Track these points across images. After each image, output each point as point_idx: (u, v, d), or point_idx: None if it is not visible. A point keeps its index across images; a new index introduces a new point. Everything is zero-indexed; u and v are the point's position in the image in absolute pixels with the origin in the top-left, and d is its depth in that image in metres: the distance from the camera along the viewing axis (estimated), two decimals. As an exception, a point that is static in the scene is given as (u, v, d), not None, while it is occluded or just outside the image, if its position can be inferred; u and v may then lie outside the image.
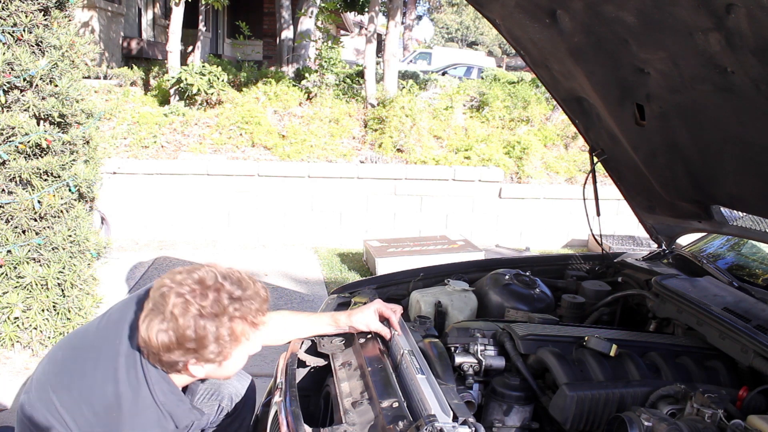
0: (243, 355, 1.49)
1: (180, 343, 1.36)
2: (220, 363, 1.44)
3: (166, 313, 1.35)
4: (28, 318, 3.44)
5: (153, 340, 1.36)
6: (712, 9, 1.26)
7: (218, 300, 1.38)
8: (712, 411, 1.40)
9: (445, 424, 1.27)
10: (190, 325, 1.35)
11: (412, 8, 27.96)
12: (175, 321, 1.35)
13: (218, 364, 1.44)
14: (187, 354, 1.38)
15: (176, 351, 1.37)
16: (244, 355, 1.50)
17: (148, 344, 1.38)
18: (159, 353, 1.38)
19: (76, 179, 3.48)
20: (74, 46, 3.48)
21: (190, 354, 1.38)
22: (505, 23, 1.96)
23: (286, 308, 4.71)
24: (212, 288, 1.39)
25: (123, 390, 1.40)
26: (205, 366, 1.44)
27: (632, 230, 6.51)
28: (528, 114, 8.23)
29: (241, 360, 1.50)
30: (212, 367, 1.46)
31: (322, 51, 8.18)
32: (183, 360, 1.40)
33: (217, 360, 1.42)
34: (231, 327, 1.39)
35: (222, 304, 1.38)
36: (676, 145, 1.94)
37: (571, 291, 2.43)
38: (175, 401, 1.46)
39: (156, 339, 1.36)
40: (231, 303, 1.39)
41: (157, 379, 1.44)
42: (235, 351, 1.44)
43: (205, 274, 1.40)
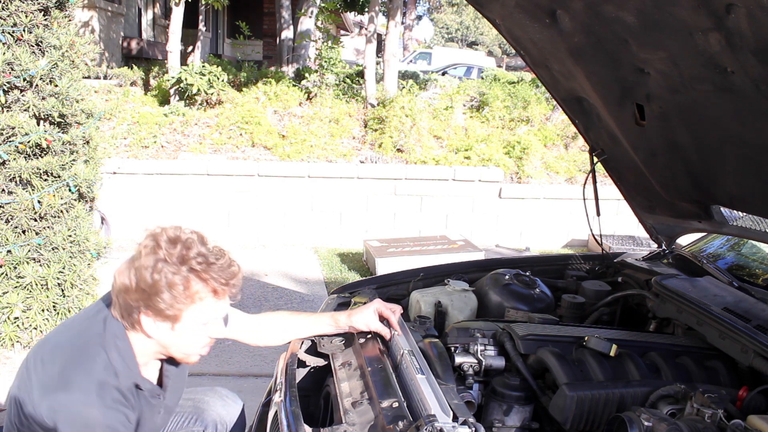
0: (197, 327, 1.43)
1: (138, 285, 1.37)
2: (172, 324, 1.41)
3: (134, 255, 1.40)
4: (28, 318, 3.44)
5: (117, 280, 1.40)
6: (712, 9, 1.26)
7: (185, 253, 1.39)
8: (712, 411, 1.40)
9: (445, 424, 1.27)
10: (149, 266, 1.36)
11: (412, 8, 27.96)
12: (139, 260, 1.38)
13: (171, 324, 1.41)
14: (141, 298, 1.37)
15: (133, 293, 1.37)
16: (199, 329, 1.44)
17: (114, 286, 1.41)
18: (119, 295, 1.40)
19: (76, 179, 3.48)
20: (74, 46, 3.48)
21: (144, 299, 1.37)
22: (505, 23, 1.96)
23: (286, 308, 4.71)
24: (184, 243, 1.40)
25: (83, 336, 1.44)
26: (156, 322, 1.41)
27: (632, 230, 6.51)
28: (528, 114, 8.23)
29: (196, 333, 1.45)
30: (165, 328, 1.42)
31: (322, 51, 8.18)
32: (136, 305, 1.39)
33: (168, 315, 1.39)
34: (188, 280, 1.38)
35: (186, 256, 1.38)
36: (676, 145, 1.94)
37: (571, 291, 2.43)
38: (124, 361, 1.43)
39: (119, 278, 1.39)
40: (196, 258, 1.39)
41: (116, 333, 1.44)
42: (187, 312, 1.40)
43: (183, 234, 1.42)
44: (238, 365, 3.69)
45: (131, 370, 1.44)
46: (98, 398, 1.35)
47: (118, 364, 1.42)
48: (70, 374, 1.38)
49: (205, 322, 1.45)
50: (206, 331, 1.47)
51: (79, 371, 1.38)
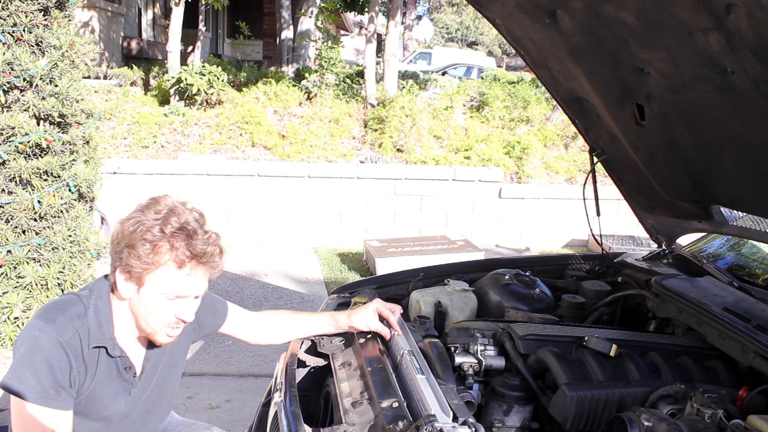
0: (158, 296, 1.42)
1: (117, 236, 1.42)
2: (138, 287, 1.42)
3: None
4: (28, 318, 3.44)
5: (115, 229, 1.46)
6: (712, 9, 1.26)
7: (167, 218, 1.41)
8: (712, 411, 1.40)
9: (445, 424, 1.27)
10: (131, 219, 1.42)
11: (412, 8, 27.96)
12: (126, 218, 1.44)
13: (136, 287, 1.42)
14: (117, 251, 1.41)
15: (115, 245, 1.42)
16: (161, 300, 1.43)
17: None
18: (111, 248, 1.45)
19: (76, 179, 3.48)
20: (74, 46, 3.48)
21: (118, 251, 1.41)
22: (505, 23, 1.96)
23: (286, 308, 4.71)
24: (173, 210, 1.43)
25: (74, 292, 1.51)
26: (125, 282, 1.42)
27: (632, 230, 6.51)
28: (528, 114, 8.24)
29: (158, 303, 1.43)
30: (132, 290, 1.43)
31: (322, 51, 8.18)
32: (115, 261, 1.43)
33: (134, 274, 1.40)
34: (156, 241, 1.39)
35: (167, 221, 1.41)
36: (676, 145, 1.94)
37: (571, 291, 2.43)
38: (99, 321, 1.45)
39: (115, 227, 1.46)
40: (174, 225, 1.41)
41: (99, 295, 1.48)
42: (150, 276, 1.40)
43: (180, 205, 1.47)
44: (238, 365, 3.69)
45: (103, 333, 1.45)
46: (55, 332, 1.38)
47: (92, 322, 1.44)
48: (45, 309, 1.44)
49: (167, 294, 1.42)
50: (170, 307, 1.44)
51: (52, 308, 1.43)
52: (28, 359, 1.36)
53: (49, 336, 1.38)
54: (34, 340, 1.38)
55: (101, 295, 1.48)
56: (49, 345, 1.37)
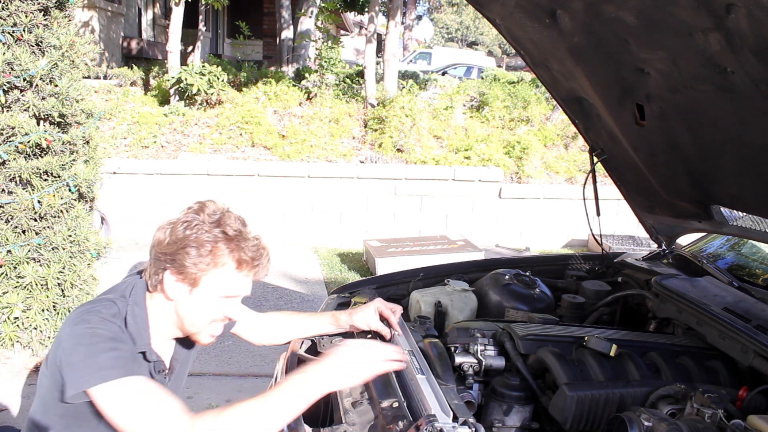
0: (213, 297, 1.44)
1: (170, 237, 1.41)
2: (191, 288, 1.42)
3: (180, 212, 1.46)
4: (28, 318, 3.44)
5: (154, 236, 1.45)
6: (712, 9, 1.26)
7: (222, 220, 1.44)
8: (712, 411, 1.40)
9: (445, 424, 1.27)
10: (185, 222, 1.42)
11: (412, 8, 27.96)
12: (177, 219, 1.44)
13: (189, 288, 1.42)
14: (170, 252, 1.40)
15: (165, 246, 1.41)
16: (215, 301, 1.44)
17: (151, 243, 1.46)
18: (152, 250, 1.44)
19: (76, 179, 3.48)
20: (74, 46, 3.48)
21: (172, 253, 1.40)
22: (505, 23, 1.96)
23: (286, 308, 4.71)
24: (225, 213, 1.47)
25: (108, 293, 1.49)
26: (177, 283, 1.42)
27: (632, 230, 6.51)
28: (528, 114, 8.24)
29: (211, 304, 1.45)
30: (183, 291, 1.43)
31: (322, 51, 8.18)
32: (164, 260, 1.41)
33: (189, 275, 1.40)
34: (216, 242, 1.41)
35: (223, 222, 1.43)
36: (676, 145, 1.94)
37: (571, 291, 2.43)
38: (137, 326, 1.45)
39: (156, 234, 1.44)
40: (231, 227, 1.44)
41: (135, 301, 1.46)
42: (206, 277, 1.41)
43: (227, 209, 1.49)
44: (238, 365, 3.69)
45: (141, 337, 1.45)
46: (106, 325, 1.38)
47: (132, 328, 1.43)
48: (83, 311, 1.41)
49: (222, 295, 1.45)
50: (221, 307, 1.46)
51: (94, 311, 1.40)
52: (93, 350, 1.33)
53: (102, 329, 1.37)
54: (90, 336, 1.35)
55: (137, 300, 1.46)
56: (107, 333, 1.37)
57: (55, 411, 1.45)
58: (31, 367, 3.48)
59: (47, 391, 1.46)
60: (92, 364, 1.31)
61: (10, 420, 3.01)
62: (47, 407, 1.47)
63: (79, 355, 1.33)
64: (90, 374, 1.31)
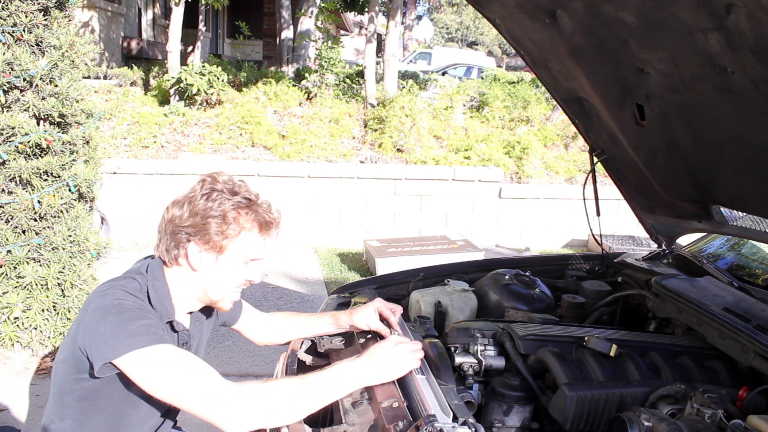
0: (238, 263, 1.48)
1: (191, 211, 1.44)
2: (217, 255, 1.45)
3: (190, 188, 1.48)
4: (28, 318, 3.44)
5: (167, 213, 1.47)
6: (712, 9, 1.26)
7: (237, 189, 1.48)
8: (712, 411, 1.40)
9: (444, 425, 1.27)
10: (204, 194, 1.45)
11: (412, 8, 27.96)
12: (194, 191, 1.47)
13: (216, 256, 1.45)
14: (193, 224, 1.43)
15: (186, 221, 1.44)
16: (240, 266, 1.48)
17: (164, 219, 1.47)
18: (167, 226, 1.46)
19: (76, 179, 3.48)
20: (74, 46, 3.48)
21: (195, 225, 1.43)
22: (505, 23, 1.96)
23: (286, 308, 4.71)
24: (237, 182, 1.51)
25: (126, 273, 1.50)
26: (202, 252, 1.45)
27: (632, 230, 6.52)
28: (528, 114, 8.24)
29: (236, 270, 1.49)
30: (209, 260, 1.46)
31: (322, 51, 8.18)
32: (187, 233, 1.43)
33: (215, 243, 1.43)
34: (238, 209, 1.46)
35: (238, 191, 1.48)
36: (676, 145, 1.94)
37: (571, 291, 2.43)
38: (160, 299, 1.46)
39: (170, 210, 1.47)
40: (251, 193, 1.50)
41: (154, 275, 1.48)
42: (233, 243, 1.45)
43: (232, 177, 1.52)
44: (238, 365, 3.69)
45: (166, 309, 1.47)
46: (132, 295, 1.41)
47: (155, 301, 1.45)
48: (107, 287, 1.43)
49: (246, 259, 1.50)
50: (244, 271, 1.51)
51: (117, 287, 1.42)
52: (122, 319, 1.34)
53: (129, 300, 1.39)
54: (118, 306, 1.36)
55: (155, 275, 1.48)
56: (134, 304, 1.39)
57: (72, 397, 1.46)
58: (31, 367, 3.48)
59: (63, 379, 1.46)
60: (122, 332, 1.32)
61: (10, 420, 3.01)
62: (63, 396, 1.47)
63: (107, 325, 1.33)
64: (121, 342, 1.31)
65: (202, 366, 1.35)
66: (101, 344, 1.32)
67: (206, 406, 1.30)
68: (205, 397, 1.30)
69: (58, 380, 1.48)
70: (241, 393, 1.31)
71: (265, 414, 1.32)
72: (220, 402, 1.30)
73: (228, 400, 1.30)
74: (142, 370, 1.31)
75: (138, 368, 1.31)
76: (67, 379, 1.45)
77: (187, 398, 1.31)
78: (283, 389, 1.34)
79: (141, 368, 1.31)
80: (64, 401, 1.47)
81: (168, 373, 1.31)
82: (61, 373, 1.46)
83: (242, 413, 1.29)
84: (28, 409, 3.10)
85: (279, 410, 1.32)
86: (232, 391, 1.31)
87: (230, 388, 1.32)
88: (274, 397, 1.32)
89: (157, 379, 1.31)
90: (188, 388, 1.31)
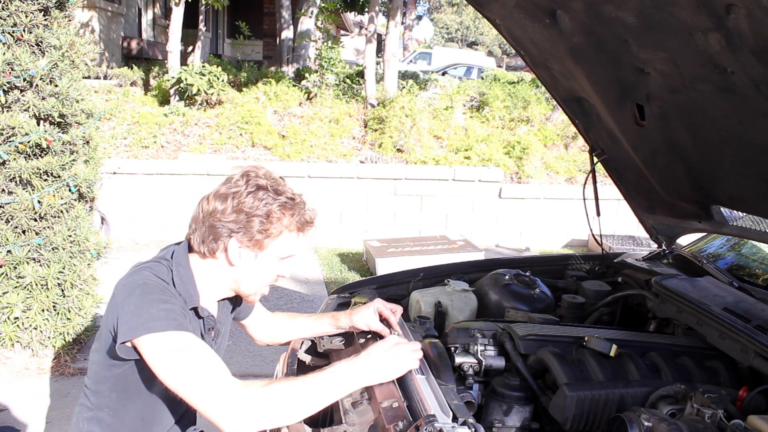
0: (275, 260, 1.50)
1: (237, 207, 1.43)
2: (257, 252, 1.46)
3: (232, 182, 1.46)
4: (28, 318, 3.44)
5: (206, 206, 1.46)
6: (712, 9, 1.26)
7: (280, 188, 1.49)
8: (712, 411, 1.40)
9: (444, 425, 1.27)
10: (250, 192, 1.44)
11: (412, 8, 27.96)
12: (238, 186, 1.45)
13: (255, 253, 1.46)
14: (237, 221, 1.43)
15: (229, 215, 1.43)
16: (276, 263, 1.50)
17: (204, 210, 1.46)
18: (206, 220, 1.45)
19: (76, 179, 3.48)
20: (74, 46, 3.48)
21: (239, 222, 1.43)
22: (505, 23, 1.96)
23: (286, 308, 4.71)
24: (278, 178, 1.52)
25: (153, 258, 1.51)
26: (242, 249, 1.45)
27: (632, 230, 6.52)
28: (528, 114, 8.24)
29: (272, 267, 1.51)
30: (249, 257, 1.47)
31: (322, 51, 8.18)
32: (229, 228, 1.43)
33: (257, 242, 1.44)
34: (283, 210, 1.47)
35: (281, 191, 1.49)
36: (676, 145, 1.94)
37: (571, 291, 2.43)
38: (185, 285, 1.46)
39: (211, 203, 1.45)
40: (288, 193, 1.50)
41: (179, 262, 1.48)
42: (274, 242, 1.47)
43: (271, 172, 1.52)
44: (238, 365, 3.69)
45: (190, 295, 1.47)
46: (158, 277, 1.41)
47: (180, 287, 1.45)
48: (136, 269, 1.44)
49: (284, 257, 1.52)
50: (279, 267, 1.53)
51: (146, 268, 1.43)
52: (145, 300, 1.34)
53: (155, 281, 1.40)
54: (143, 286, 1.37)
55: (181, 261, 1.49)
56: (159, 285, 1.39)
57: (106, 385, 1.47)
58: (31, 367, 3.48)
59: (98, 368, 1.47)
60: (143, 314, 1.32)
61: (10, 420, 3.02)
62: (99, 385, 1.48)
63: (131, 305, 1.34)
64: (140, 324, 1.31)
65: (215, 361, 1.36)
66: (123, 323, 1.33)
67: (210, 403, 1.30)
68: (211, 393, 1.31)
69: (93, 370, 1.50)
70: (244, 395, 1.31)
71: (266, 417, 1.32)
72: (224, 401, 1.30)
73: (233, 401, 1.30)
74: (155, 353, 1.32)
75: (152, 351, 1.32)
76: (101, 367, 1.46)
77: (193, 391, 1.31)
78: (284, 391, 1.34)
79: (155, 352, 1.32)
80: (99, 390, 1.48)
81: (179, 361, 1.32)
82: (96, 362, 1.48)
83: (244, 416, 1.30)
84: (28, 409, 3.10)
85: (280, 413, 1.33)
86: (238, 393, 1.31)
87: (237, 389, 1.32)
88: (275, 400, 1.32)
89: (168, 365, 1.32)
90: (196, 380, 1.31)
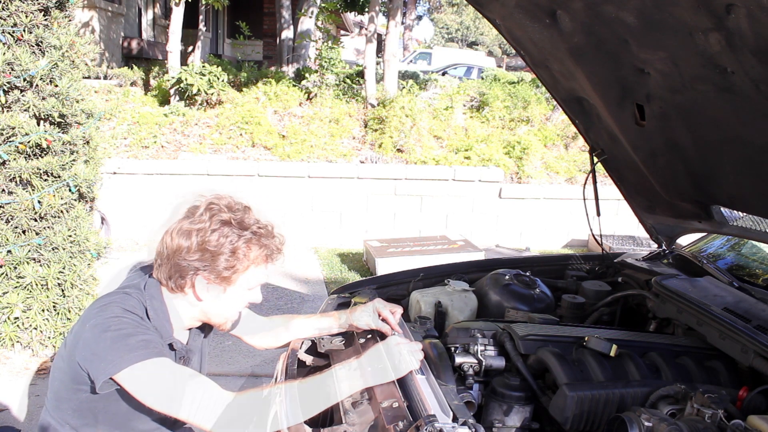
0: (244, 291, 1.48)
1: (201, 246, 1.40)
2: (225, 287, 1.45)
3: (195, 216, 1.42)
4: (28, 318, 3.44)
5: (170, 242, 1.41)
6: (712, 9, 1.26)
7: (245, 218, 1.45)
8: (712, 411, 1.40)
9: (444, 425, 1.27)
10: (214, 229, 1.40)
11: (412, 8, 27.96)
12: (202, 222, 1.41)
13: (224, 288, 1.45)
14: (202, 259, 1.40)
15: (193, 254, 1.40)
16: (245, 294, 1.49)
17: (168, 247, 1.42)
18: (171, 257, 1.41)
19: (76, 179, 3.48)
20: (74, 46, 3.48)
21: (205, 260, 1.40)
22: (505, 23, 1.96)
23: (286, 308, 4.71)
24: (242, 208, 1.47)
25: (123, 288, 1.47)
26: (209, 285, 1.43)
27: (632, 230, 6.51)
28: (528, 114, 8.23)
29: (242, 297, 1.49)
30: (217, 291, 1.45)
31: (322, 51, 8.18)
32: (195, 267, 1.40)
33: (225, 278, 1.42)
34: (249, 245, 1.43)
35: (247, 223, 1.45)
36: (676, 145, 1.94)
37: (571, 291, 2.43)
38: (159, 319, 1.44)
39: (175, 240, 1.41)
40: (255, 224, 1.46)
41: (152, 294, 1.45)
42: (242, 276, 1.45)
43: (236, 202, 1.48)
44: (238, 365, 3.69)
45: (165, 329, 1.46)
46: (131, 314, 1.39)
47: (155, 321, 1.44)
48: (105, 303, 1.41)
49: (252, 287, 1.50)
50: (249, 296, 1.52)
51: (113, 303, 1.40)
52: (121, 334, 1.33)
53: (129, 317, 1.38)
54: (117, 322, 1.35)
55: (153, 294, 1.47)
56: (132, 320, 1.37)
57: (69, 405, 1.45)
58: (31, 367, 3.48)
59: (60, 386, 1.45)
60: (122, 348, 1.31)
61: (10, 420, 3.01)
62: (60, 402, 1.47)
63: (106, 341, 1.33)
64: (120, 357, 1.30)
65: (202, 379, 1.36)
66: (101, 360, 1.32)
67: (206, 420, 1.30)
68: (205, 410, 1.31)
69: (55, 386, 1.48)
70: (240, 406, 1.31)
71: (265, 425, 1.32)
72: (219, 415, 1.30)
73: (228, 413, 1.30)
74: (141, 383, 1.31)
75: (137, 382, 1.31)
76: (64, 386, 1.44)
77: (187, 410, 1.31)
78: None
79: (140, 381, 1.31)
80: (61, 407, 1.47)
81: (167, 384, 1.32)
82: (59, 380, 1.46)
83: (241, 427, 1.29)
84: (28, 409, 3.10)
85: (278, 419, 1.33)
86: (232, 404, 1.32)
87: (230, 401, 1.32)
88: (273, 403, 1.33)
89: (157, 391, 1.32)
90: (188, 399, 1.31)
